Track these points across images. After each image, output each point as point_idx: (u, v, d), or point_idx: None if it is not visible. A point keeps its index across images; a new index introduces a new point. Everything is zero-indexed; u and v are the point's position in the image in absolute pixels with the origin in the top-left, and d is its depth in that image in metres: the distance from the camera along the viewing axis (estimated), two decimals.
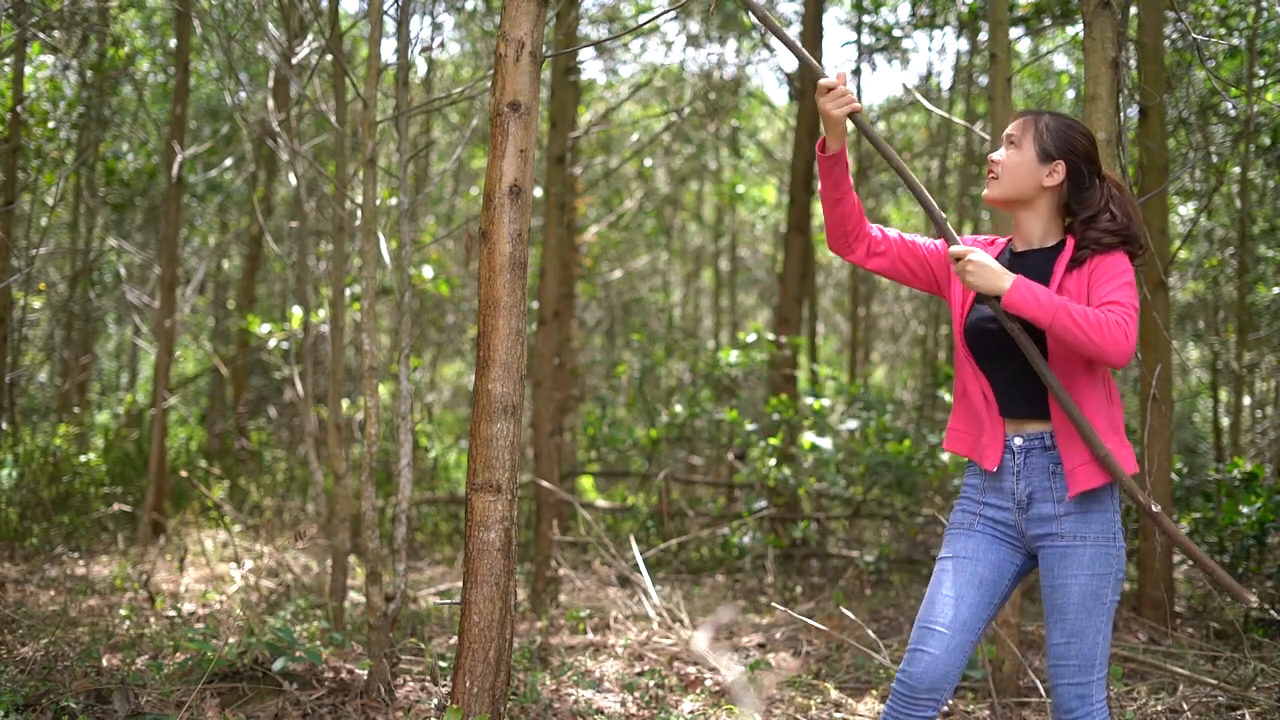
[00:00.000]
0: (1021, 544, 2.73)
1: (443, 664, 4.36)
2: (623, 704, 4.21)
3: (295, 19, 6.56)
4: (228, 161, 10.64)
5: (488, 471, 3.15)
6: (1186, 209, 9.10)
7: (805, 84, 9.01)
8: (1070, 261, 2.68)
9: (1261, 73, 7.33)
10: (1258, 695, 4.18)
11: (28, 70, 7.06)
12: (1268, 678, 4.40)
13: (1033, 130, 2.73)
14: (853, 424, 7.68)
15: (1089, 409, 2.64)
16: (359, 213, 5.61)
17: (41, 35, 6.54)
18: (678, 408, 8.30)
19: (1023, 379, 2.69)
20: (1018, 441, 2.70)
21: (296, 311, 7.83)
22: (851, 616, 5.06)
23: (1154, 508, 2.60)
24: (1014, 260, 2.78)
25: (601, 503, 9.00)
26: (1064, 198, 2.74)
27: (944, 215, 2.72)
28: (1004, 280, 2.56)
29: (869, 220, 2.84)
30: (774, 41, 11.00)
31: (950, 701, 4.32)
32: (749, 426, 7.96)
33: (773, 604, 5.91)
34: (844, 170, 2.78)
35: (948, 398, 7.78)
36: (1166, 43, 6.45)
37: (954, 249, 2.65)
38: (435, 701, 4.02)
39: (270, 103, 7.24)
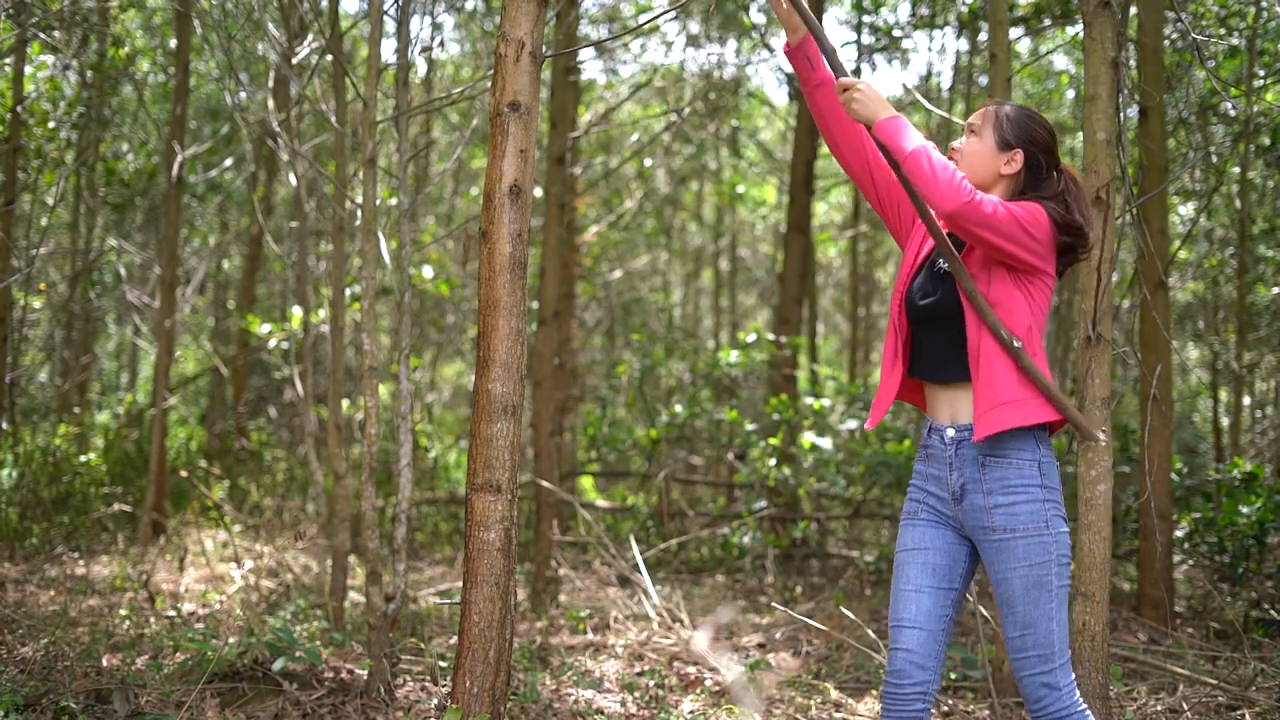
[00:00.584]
0: (964, 531, 2.75)
1: (443, 664, 4.37)
2: (623, 704, 4.21)
3: (295, 19, 6.56)
4: (228, 161, 10.64)
5: (488, 471, 3.15)
6: (1186, 209, 9.11)
7: None
8: None
9: (1261, 73, 7.33)
10: (1258, 695, 4.19)
11: (28, 70, 7.06)
12: (1268, 678, 4.40)
13: (993, 119, 2.77)
14: (853, 424, 7.68)
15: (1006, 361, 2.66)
16: (359, 213, 5.61)
17: (42, 35, 6.54)
18: (678, 408, 8.30)
19: (948, 346, 2.72)
20: (950, 433, 2.72)
21: (296, 311, 7.83)
22: (851, 616, 5.06)
23: (1014, 343, 2.62)
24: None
25: (601, 503, 9.00)
26: (1020, 186, 2.77)
27: (834, 47, 2.76)
28: (884, 112, 2.63)
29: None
30: (774, 41, 10.99)
31: (950, 701, 4.32)
32: (749, 426, 7.96)
33: (773, 604, 5.91)
34: (806, 64, 2.82)
35: None
36: (1166, 43, 6.45)
37: (843, 79, 2.70)
38: (435, 701, 4.02)
39: (270, 103, 7.24)
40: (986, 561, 2.69)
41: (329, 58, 6.13)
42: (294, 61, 6.03)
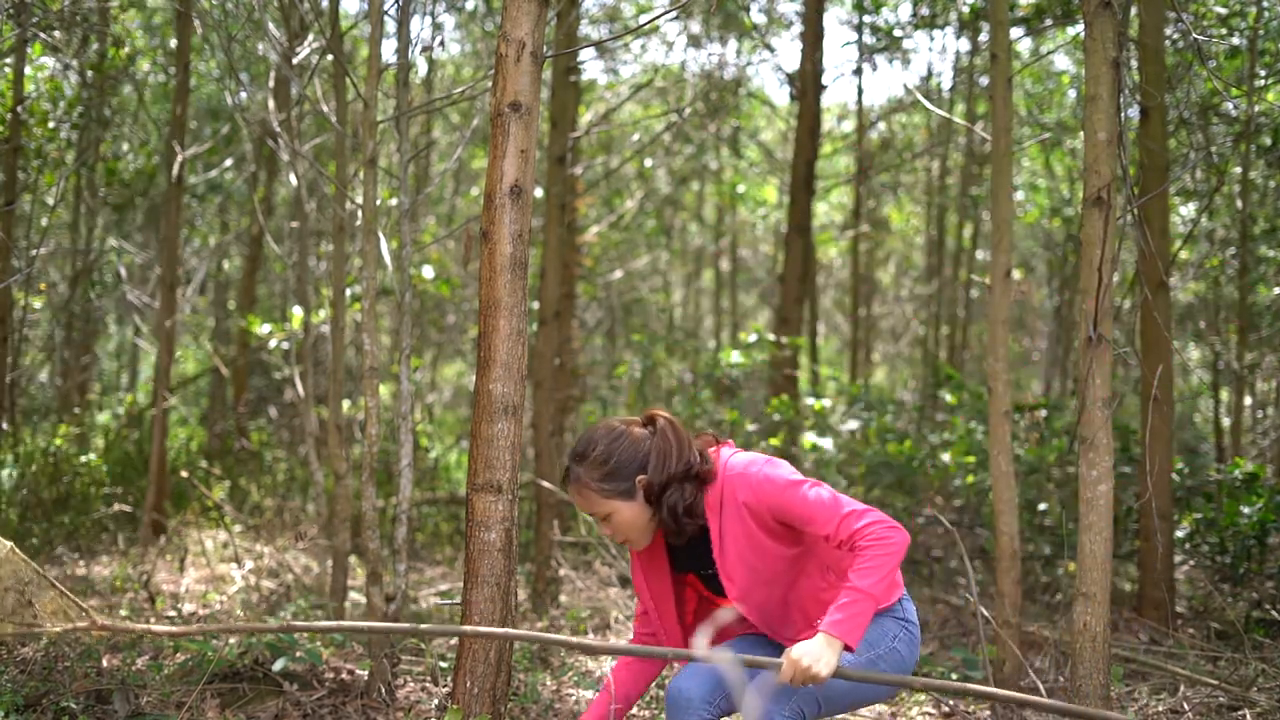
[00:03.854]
0: None
1: (443, 664, 4.36)
2: None
3: (296, 19, 6.56)
4: (228, 162, 10.64)
5: (488, 471, 3.15)
6: (1187, 209, 9.10)
7: (805, 84, 9.00)
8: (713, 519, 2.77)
9: (1262, 73, 7.33)
10: (1259, 696, 4.18)
11: (28, 70, 7.06)
12: (1269, 678, 4.40)
13: (594, 491, 2.79)
14: (853, 424, 7.68)
15: (816, 593, 2.79)
16: (359, 213, 5.61)
17: (42, 35, 6.54)
18: (678, 408, 8.29)
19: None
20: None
21: (297, 312, 7.83)
22: None
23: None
24: (680, 551, 2.92)
25: None
26: (652, 491, 2.79)
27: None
28: (833, 647, 2.51)
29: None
30: (774, 41, 11.00)
31: (950, 702, 4.32)
32: (749, 427, 7.96)
33: None
34: None
35: (949, 398, 7.78)
36: (1167, 43, 6.45)
37: (782, 676, 2.54)
38: (436, 702, 4.02)
39: (271, 103, 7.24)
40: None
41: (329, 58, 6.13)
42: (294, 62, 6.03)
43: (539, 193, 7.75)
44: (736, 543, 2.73)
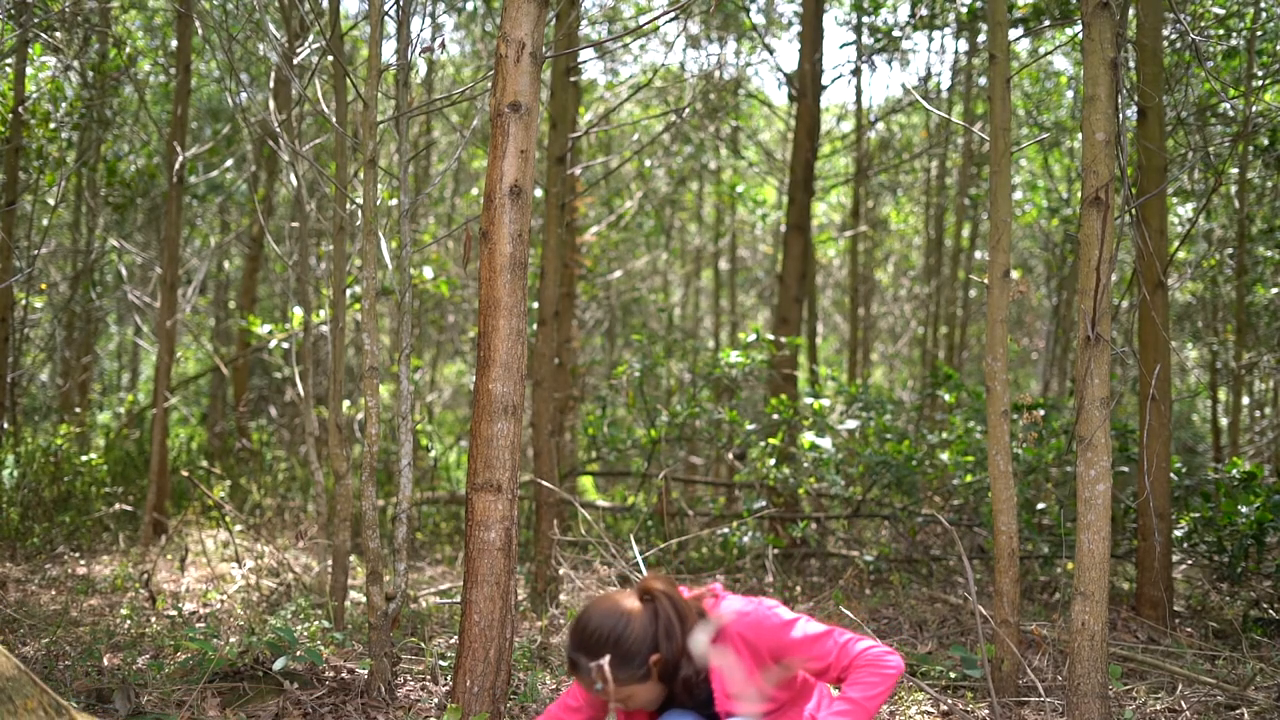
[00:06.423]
0: None
1: (443, 663, 4.38)
2: None
3: (296, 20, 6.57)
4: (229, 162, 10.65)
5: (488, 471, 3.16)
6: (1185, 209, 9.13)
7: (804, 84, 9.02)
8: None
9: (1260, 73, 7.34)
10: (1256, 694, 4.20)
11: (29, 71, 7.07)
12: (1266, 677, 4.42)
13: (610, 676, 2.67)
14: (852, 424, 7.69)
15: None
16: (359, 213, 5.62)
17: (43, 36, 6.56)
18: (678, 408, 8.30)
19: None
20: None
21: (297, 312, 7.84)
22: (851, 616, 5.07)
23: None
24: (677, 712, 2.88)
25: (601, 502, 9.01)
26: (664, 661, 2.74)
27: None
28: None
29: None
30: (773, 41, 11.02)
31: (950, 701, 4.33)
32: (749, 426, 7.97)
33: None
34: None
35: (947, 397, 7.80)
36: (1165, 44, 6.46)
37: None
38: (435, 701, 4.03)
39: (271, 103, 7.25)
40: None
41: (330, 58, 6.14)
42: (295, 62, 6.04)
43: (539, 193, 7.75)
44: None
